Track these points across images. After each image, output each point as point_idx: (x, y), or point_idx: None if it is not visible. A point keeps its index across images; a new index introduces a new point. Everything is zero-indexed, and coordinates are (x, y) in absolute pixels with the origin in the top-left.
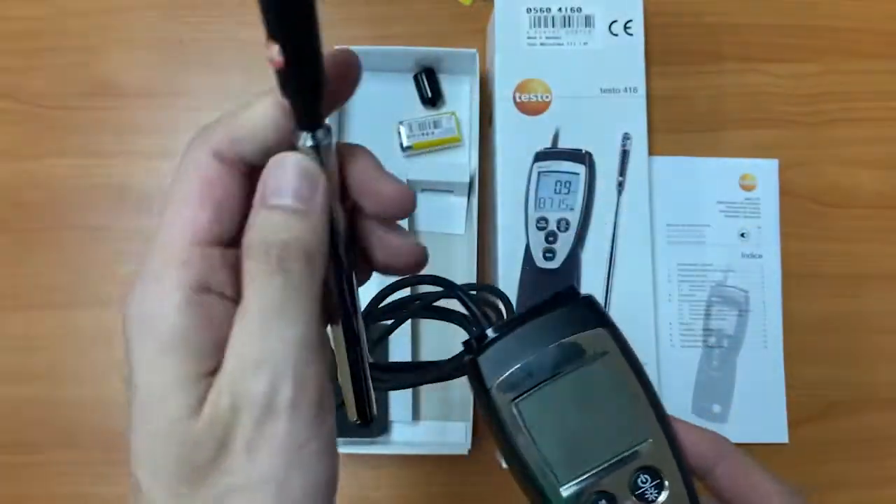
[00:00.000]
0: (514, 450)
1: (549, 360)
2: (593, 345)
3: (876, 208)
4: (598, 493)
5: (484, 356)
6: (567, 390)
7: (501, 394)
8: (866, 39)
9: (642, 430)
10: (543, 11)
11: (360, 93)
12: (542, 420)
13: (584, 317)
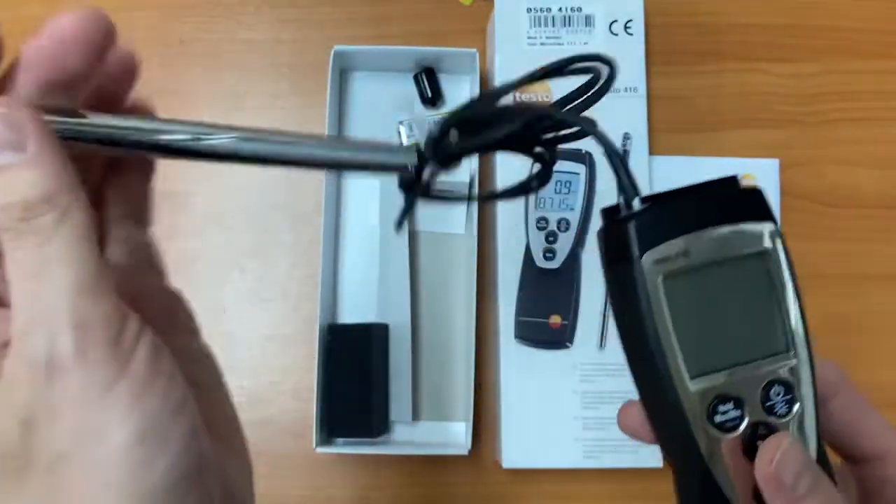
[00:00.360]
0: (646, 332)
1: (709, 242)
2: (759, 239)
3: (876, 208)
4: (727, 396)
5: (637, 221)
6: (721, 280)
7: (652, 265)
8: (866, 39)
9: (787, 342)
10: (543, 11)
11: (360, 92)
12: (687, 305)
13: (753, 207)
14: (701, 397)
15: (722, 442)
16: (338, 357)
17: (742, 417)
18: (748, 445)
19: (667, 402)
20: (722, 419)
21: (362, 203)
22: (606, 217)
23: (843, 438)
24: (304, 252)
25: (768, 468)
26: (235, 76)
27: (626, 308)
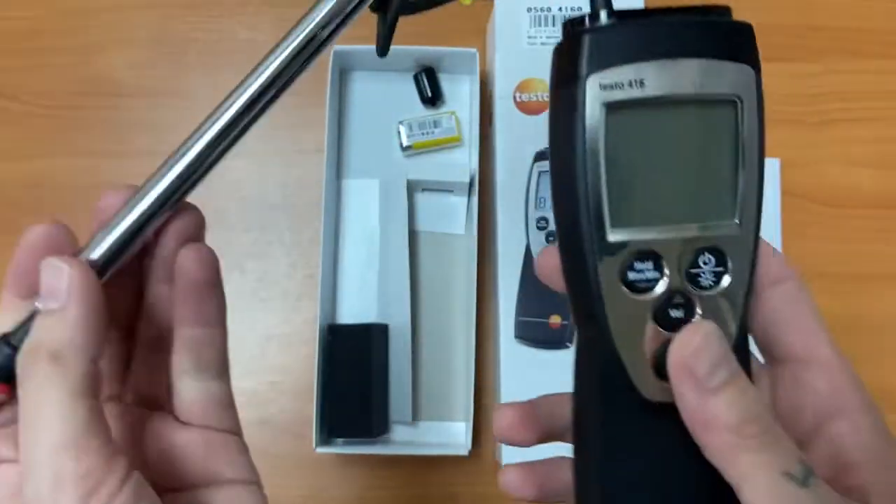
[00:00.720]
0: (574, 164)
1: (674, 75)
2: (733, 83)
3: (876, 208)
4: (647, 253)
5: (594, 36)
6: (675, 121)
7: (597, 90)
8: (867, 39)
9: (733, 208)
10: (544, 11)
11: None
12: (628, 142)
13: (737, 43)
14: (618, 249)
15: (630, 302)
16: (338, 357)
17: (658, 280)
18: (659, 313)
19: (580, 248)
20: (636, 277)
21: (362, 203)
22: (566, 30)
23: (770, 333)
24: (304, 252)
25: (683, 353)
26: (235, 76)
27: (559, 135)
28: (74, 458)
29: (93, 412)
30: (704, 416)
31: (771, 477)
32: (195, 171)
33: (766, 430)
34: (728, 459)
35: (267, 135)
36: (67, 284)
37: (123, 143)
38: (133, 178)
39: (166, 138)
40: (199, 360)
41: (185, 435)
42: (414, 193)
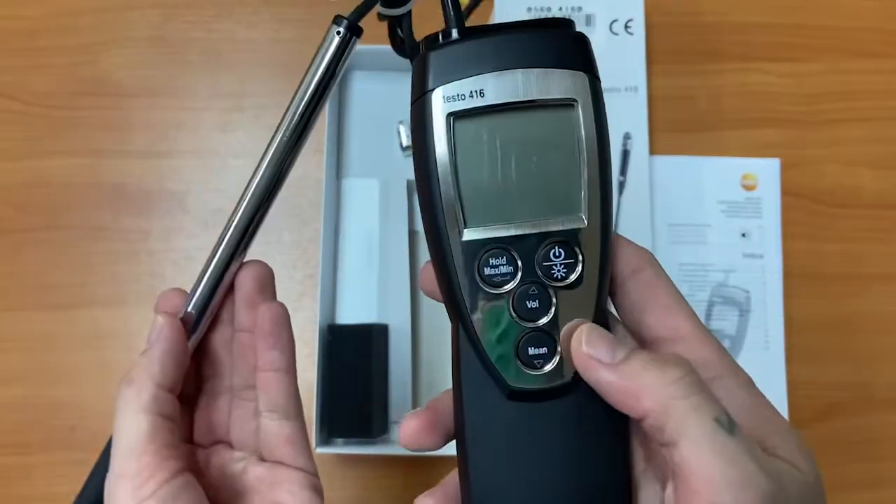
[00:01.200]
0: (429, 172)
1: (510, 84)
2: (567, 87)
3: (877, 208)
4: (501, 249)
5: (438, 53)
6: (516, 128)
7: (441, 102)
8: (867, 39)
9: (578, 205)
10: (544, 10)
11: (359, 92)
12: (474, 149)
13: (570, 52)
14: (473, 247)
15: (488, 296)
16: (338, 357)
17: (514, 274)
18: (516, 304)
19: (441, 248)
20: (492, 272)
21: (362, 203)
22: (422, 46)
23: (635, 319)
24: (304, 252)
25: (582, 350)
26: (235, 76)
27: (416, 145)
28: (133, 458)
29: (153, 425)
30: (629, 385)
31: (705, 424)
32: (249, 226)
33: (688, 372)
34: (664, 417)
35: (266, 135)
36: (157, 331)
37: (123, 143)
38: (133, 178)
39: (166, 138)
40: (269, 401)
41: (257, 469)
42: (414, 193)
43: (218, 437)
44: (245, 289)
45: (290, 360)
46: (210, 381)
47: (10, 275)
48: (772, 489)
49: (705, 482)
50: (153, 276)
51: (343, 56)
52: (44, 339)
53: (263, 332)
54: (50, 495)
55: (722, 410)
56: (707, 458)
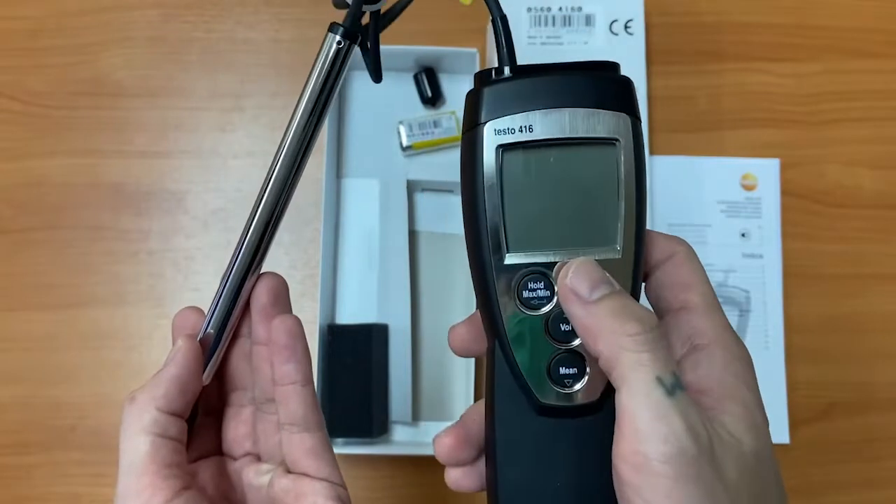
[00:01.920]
0: (476, 199)
1: (558, 121)
2: (610, 127)
3: (877, 208)
4: (540, 274)
5: (492, 89)
6: (561, 162)
7: (492, 134)
8: (867, 39)
9: (614, 236)
10: (544, 11)
11: (359, 92)
12: (520, 180)
13: (615, 94)
14: (514, 270)
15: (525, 318)
16: (338, 357)
17: (550, 298)
18: (551, 326)
19: (483, 270)
20: (529, 296)
21: (362, 203)
22: (476, 81)
23: (656, 293)
24: (304, 252)
25: (565, 281)
26: (235, 76)
27: (465, 173)
28: (135, 478)
29: (154, 446)
30: (591, 324)
31: (644, 379)
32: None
33: (647, 331)
34: (612, 362)
35: (267, 135)
36: (172, 355)
37: (123, 143)
38: (133, 178)
39: (166, 138)
40: (289, 414)
41: (282, 482)
42: (414, 193)
43: (246, 450)
44: (260, 302)
45: (307, 372)
46: (235, 393)
47: (10, 275)
48: (693, 450)
49: (632, 429)
50: (153, 276)
51: (342, 64)
52: (44, 339)
53: (278, 346)
54: (50, 495)
55: (668, 372)
56: (638, 409)
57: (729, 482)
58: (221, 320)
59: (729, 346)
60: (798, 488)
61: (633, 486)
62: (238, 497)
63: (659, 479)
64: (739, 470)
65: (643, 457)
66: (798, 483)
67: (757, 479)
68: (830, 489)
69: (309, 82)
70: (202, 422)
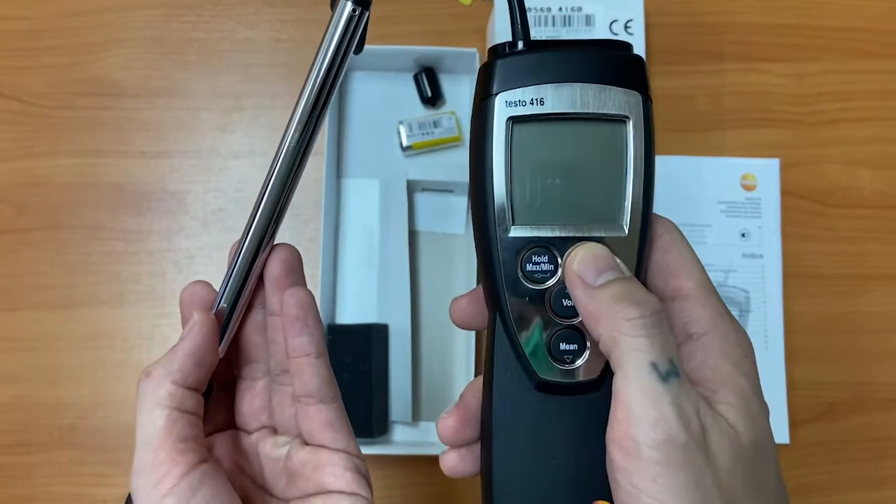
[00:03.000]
0: (485, 170)
1: (569, 96)
2: (621, 104)
3: (876, 208)
4: (544, 248)
5: (505, 61)
6: (570, 137)
7: (504, 106)
8: (866, 39)
9: (621, 214)
10: (544, 11)
11: (360, 92)
12: (529, 153)
13: (627, 72)
14: (518, 243)
15: (528, 291)
16: (338, 357)
17: (554, 272)
18: (553, 301)
19: (488, 242)
20: (533, 269)
21: (362, 203)
22: (490, 54)
23: (646, 281)
24: (304, 252)
25: (573, 265)
26: (235, 76)
27: (474, 144)
28: (151, 452)
29: (170, 420)
30: (592, 309)
31: (639, 364)
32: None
33: (648, 315)
34: (610, 346)
35: (267, 135)
36: (188, 328)
37: (123, 143)
38: (133, 178)
39: (166, 138)
40: (303, 386)
41: (300, 454)
42: (414, 193)
43: (262, 423)
44: (274, 273)
45: (320, 344)
46: (248, 366)
47: (10, 275)
48: (683, 437)
49: (624, 412)
50: (153, 276)
51: (354, 32)
52: (44, 339)
53: (290, 318)
54: (50, 495)
55: (664, 359)
56: (632, 393)
57: (721, 471)
58: (235, 293)
59: (726, 333)
60: (798, 488)
61: (623, 470)
62: (255, 470)
63: (647, 464)
64: (733, 459)
65: (633, 441)
66: (798, 483)
67: (753, 468)
68: (830, 489)
69: (321, 49)
70: (216, 396)
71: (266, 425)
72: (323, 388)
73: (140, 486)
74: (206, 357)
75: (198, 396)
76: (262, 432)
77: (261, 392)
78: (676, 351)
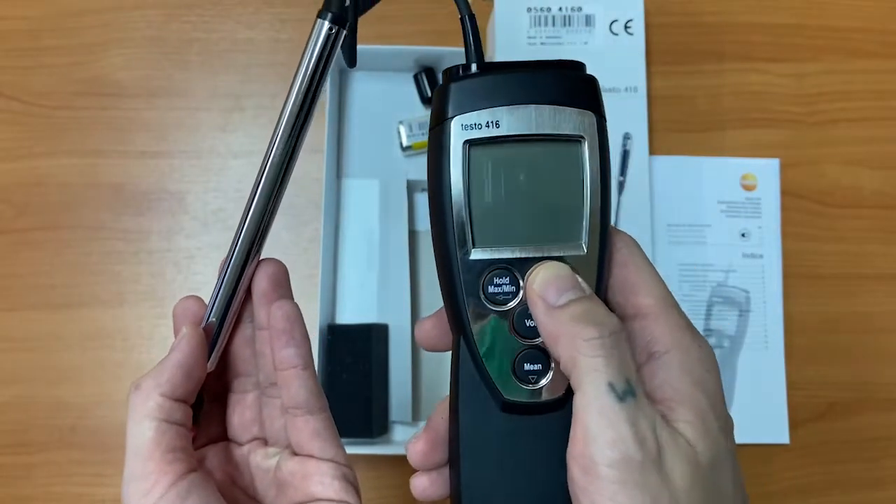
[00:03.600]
0: (443, 194)
1: (524, 118)
2: (576, 125)
3: (876, 208)
4: (505, 270)
5: (459, 84)
6: (527, 158)
7: (459, 129)
8: (867, 39)
9: (580, 233)
10: (544, 11)
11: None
12: (486, 175)
13: (580, 92)
14: (479, 266)
15: (490, 313)
16: (338, 357)
17: (516, 294)
18: (516, 322)
19: (449, 265)
20: (495, 291)
21: (362, 203)
22: (444, 77)
23: (605, 298)
24: (304, 252)
25: (534, 286)
26: (235, 76)
27: (432, 168)
28: (140, 463)
29: (158, 431)
30: (552, 329)
31: (596, 384)
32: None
33: (607, 335)
34: (570, 367)
35: (267, 135)
36: (177, 342)
37: (123, 143)
38: (133, 178)
39: (166, 138)
40: (291, 398)
41: (289, 464)
42: (414, 193)
43: (253, 435)
44: (261, 287)
45: (306, 356)
46: (237, 379)
47: (10, 275)
48: (639, 456)
49: (583, 432)
50: (153, 276)
51: (332, 50)
52: (44, 339)
53: (277, 331)
54: (50, 495)
55: (621, 378)
56: (590, 413)
57: (677, 490)
58: (223, 308)
59: (688, 349)
60: (798, 488)
61: (583, 488)
62: (246, 481)
63: (604, 483)
64: (691, 478)
65: (590, 460)
66: (798, 483)
67: (710, 486)
68: (830, 489)
69: (300, 69)
70: (208, 408)
71: (257, 437)
72: (311, 399)
73: (130, 495)
74: (195, 370)
75: (186, 408)
76: (252, 444)
77: (251, 405)
78: (634, 370)
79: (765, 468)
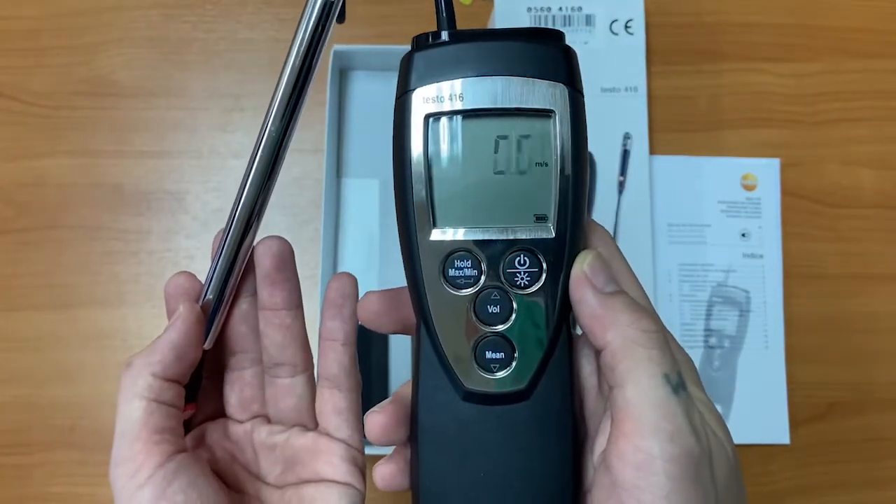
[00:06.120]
0: (403, 170)
1: (490, 90)
2: (546, 98)
3: (877, 208)
4: (467, 252)
5: (423, 54)
6: (492, 134)
7: (421, 102)
8: (866, 39)
9: (548, 215)
10: (544, 11)
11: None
12: (448, 152)
13: (553, 64)
14: (439, 248)
15: (450, 297)
16: None
17: (478, 278)
18: (478, 307)
19: (410, 246)
20: (456, 274)
21: (362, 203)
22: (412, 45)
23: None
24: (304, 252)
25: (582, 268)
26: (235, 76)
27: (394, 144)
28: (127, 444)
29: (147, 411)
30: (603, 314)
31: (653, 375)
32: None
33: (659, 330)
34: (619, 355)
35: None
36: (173, 320)
37: (123, 143)
38: (133, 178)
39: (166, 138)
40: (323, 369)
41: (300, 440)
42: None
43: (254, 412)
44: (265, 266)
45: (350, 334)
46: (234, 357)
47: (10, 275)
48: (698, 452)
49: (635, 425)
50: (153, 276)
51: (328, 19)
52: (44, 339)
53: (328, 301)
54: (50, 495)
55: (675, 371)
56: (645, 404)
57: (720, 489)
58: (221, 284)
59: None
60: (798, 488)
61: (630, 487)
62: (248, 457)
63: (660, 479)
64: (727, 475)
65: (646, 454)
66: (798, 483)
67: (737, 486)
68: (830, 489)
69: (296, 38)
70: (206, 384)
71: (259, 414)
72: (341, 375)
73: (117, 478)
74: (189, 350)
75: (177, 388)
76: (255, 421)
77: (250, 381)
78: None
79: (765, 468)
